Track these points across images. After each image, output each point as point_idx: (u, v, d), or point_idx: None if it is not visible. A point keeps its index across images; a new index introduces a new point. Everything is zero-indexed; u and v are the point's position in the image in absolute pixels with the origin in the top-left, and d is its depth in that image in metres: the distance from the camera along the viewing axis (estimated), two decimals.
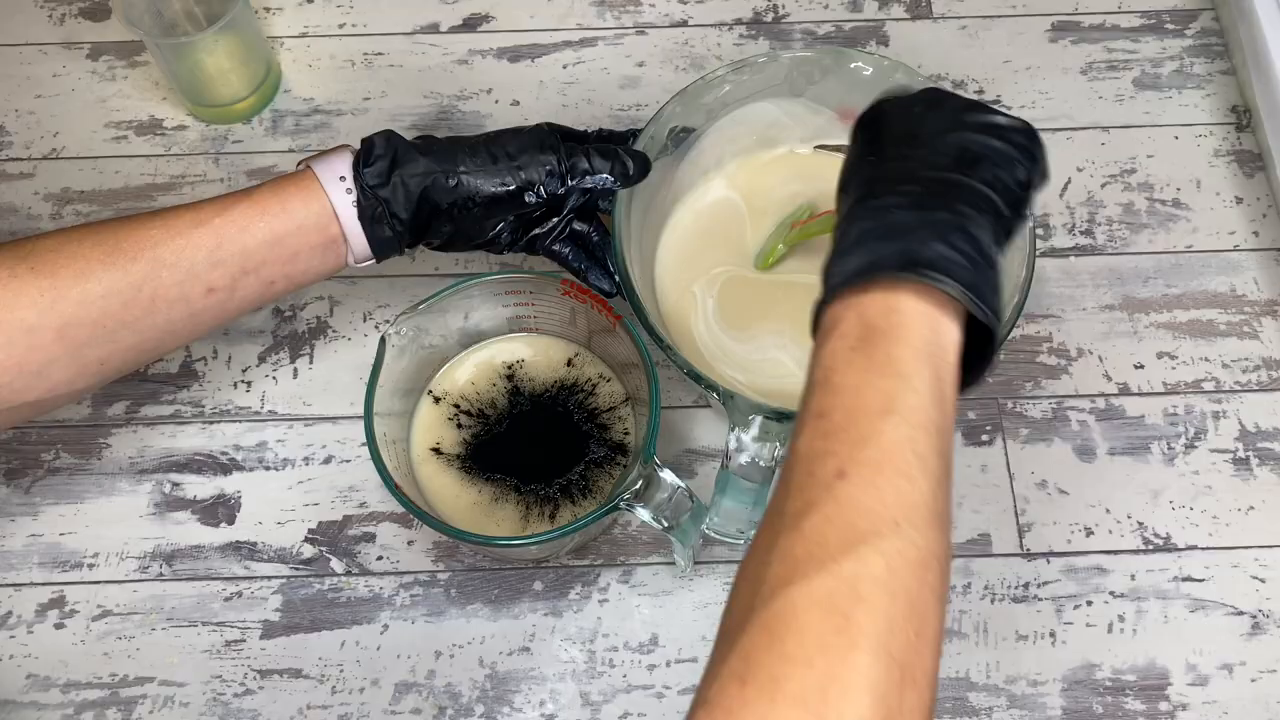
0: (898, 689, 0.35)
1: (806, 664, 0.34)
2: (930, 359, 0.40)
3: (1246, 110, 0.76)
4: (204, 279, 0.53)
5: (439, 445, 0.64)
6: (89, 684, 0.61)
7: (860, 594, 0.35)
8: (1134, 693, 0.60)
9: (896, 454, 0.38)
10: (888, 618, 0.35)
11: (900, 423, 0.39)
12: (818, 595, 0.36)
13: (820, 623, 0.35)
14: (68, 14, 0.81)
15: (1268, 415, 0.67)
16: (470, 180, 0.57)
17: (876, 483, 0.38)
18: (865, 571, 0.36)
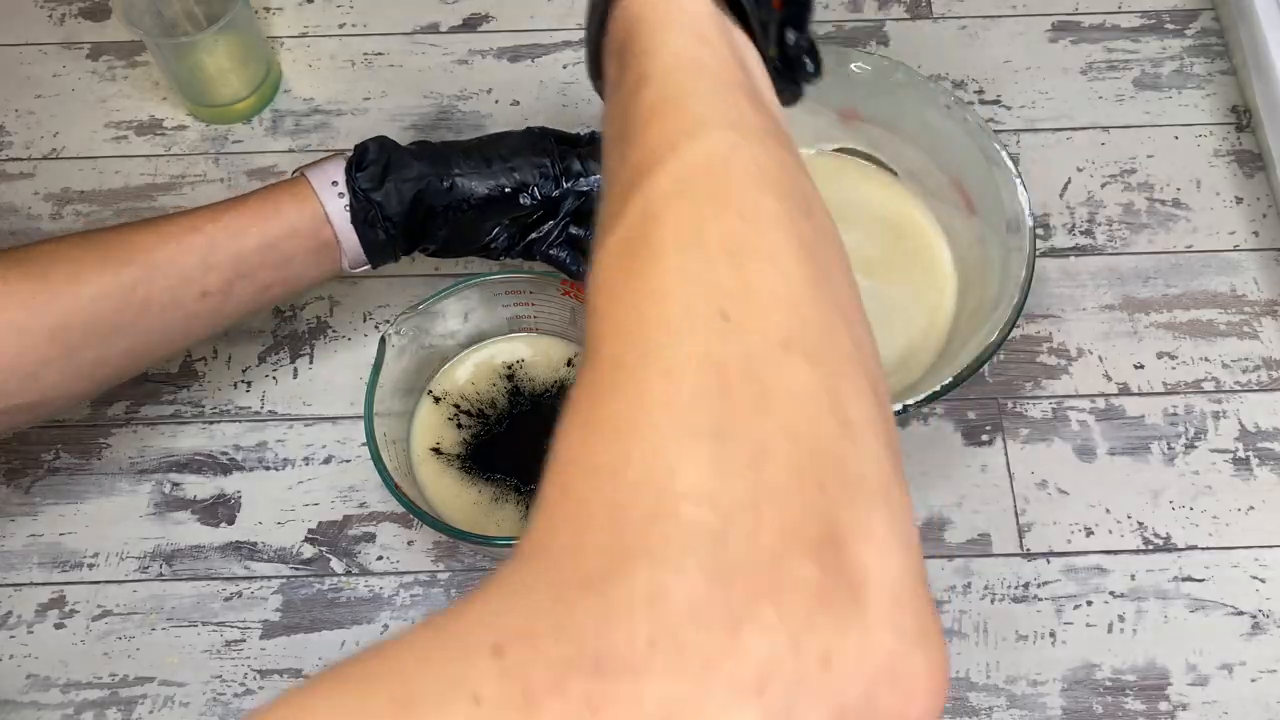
0: (730, 270, 0.28)
1: (616, 301, 0.29)
2: (670, 21, 0.36)
3: (1246, 110, 0.76)
4: (198, 283, 0.53)
5: (439, 445, 0.64)
6: (89, 684, 0.61)
7: (649, 215, 0.30)
8: (1134, 693, 0.60)
9: (663, 101, 0.33)
10: (688, 217, 0.30)
11: (652, 84, 0.34)
12: (610, 247, 0.30)
13: (618, 263, 0.30)
14: (68, 14, 0.81)
15: (1268, 415, 0.67)
16: (464, 182, 0.57)
17: (648, 134, 0.32)
18: (650, 194, 0.30)
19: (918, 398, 0.57)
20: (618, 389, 0.27)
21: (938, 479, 0.66)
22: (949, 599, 0.63)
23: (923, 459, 0.66)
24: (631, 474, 0.25)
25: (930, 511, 0.65)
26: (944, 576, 0.63)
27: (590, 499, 0.25)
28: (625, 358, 0.27)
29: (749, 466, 0.25)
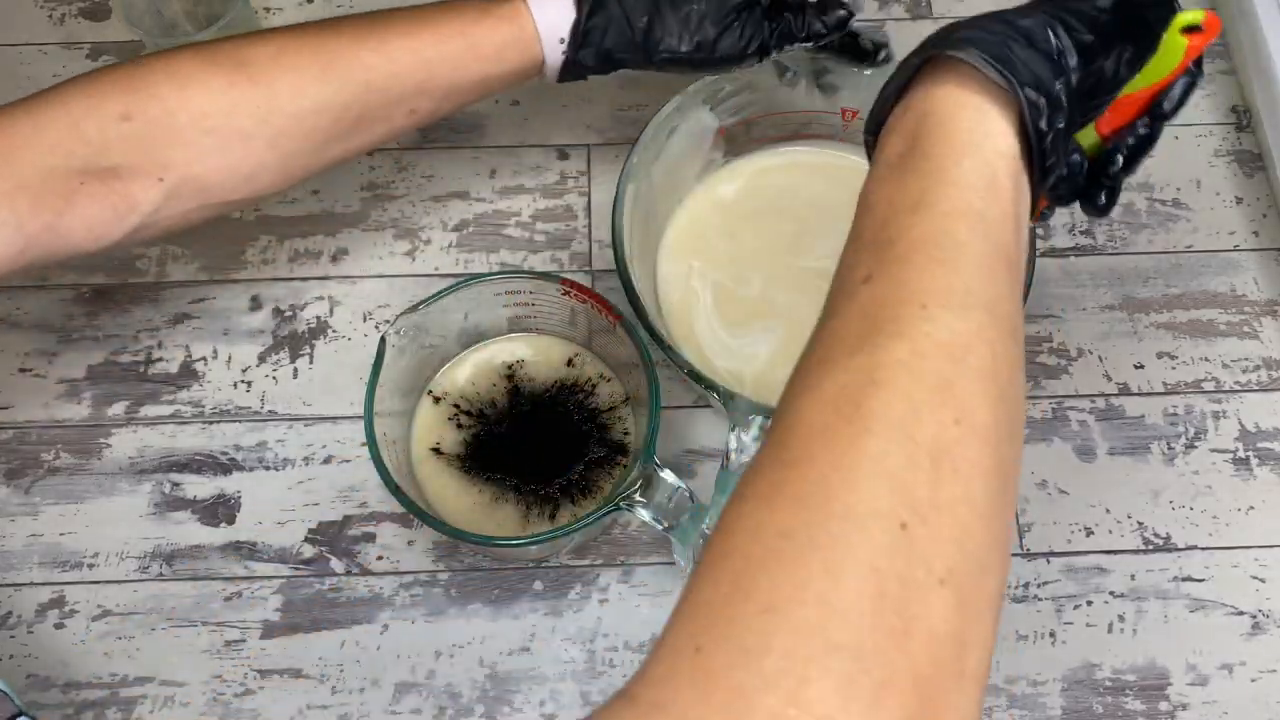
0: (927, 477, 0.29)
1: (806, 463, 0.29)
2: (973, 146, 0.35)
3: (1246, 110, 0.76)
4: (409, 103, 0.56)
5: (439, 445, 0.64)
6: (89, 684, 0.61)
7: (875, 380, 0.30)
8: (1134, 693, 0.60)
9: (927, 242, 0.33)
10: (909, 399, 0.30)
11: (932, 214, 0.34)
12: (827, 393, 0.30)
13: (825, 418, 0.30)
14: (68, 14, 0.81)
15: (1268, 415, 0.67)
16: (669, 36, 0.57)
17: (901, 275, 0.33)
18: (882, 358, 0.30)
19: None
20: (780, 565, 0.27)
21: None
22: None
23: None
24: (768, 665, 0.26)
25: None
26: None
27: (721, 672, 0.26)
28: (797, 532, 0.28)
29: (872, 702, 0.26)
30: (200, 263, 0.72)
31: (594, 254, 0.72)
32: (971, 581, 0.28)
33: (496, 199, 0.74)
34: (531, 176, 0.75)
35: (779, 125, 0.69)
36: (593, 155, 0.75)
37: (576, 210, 0.73)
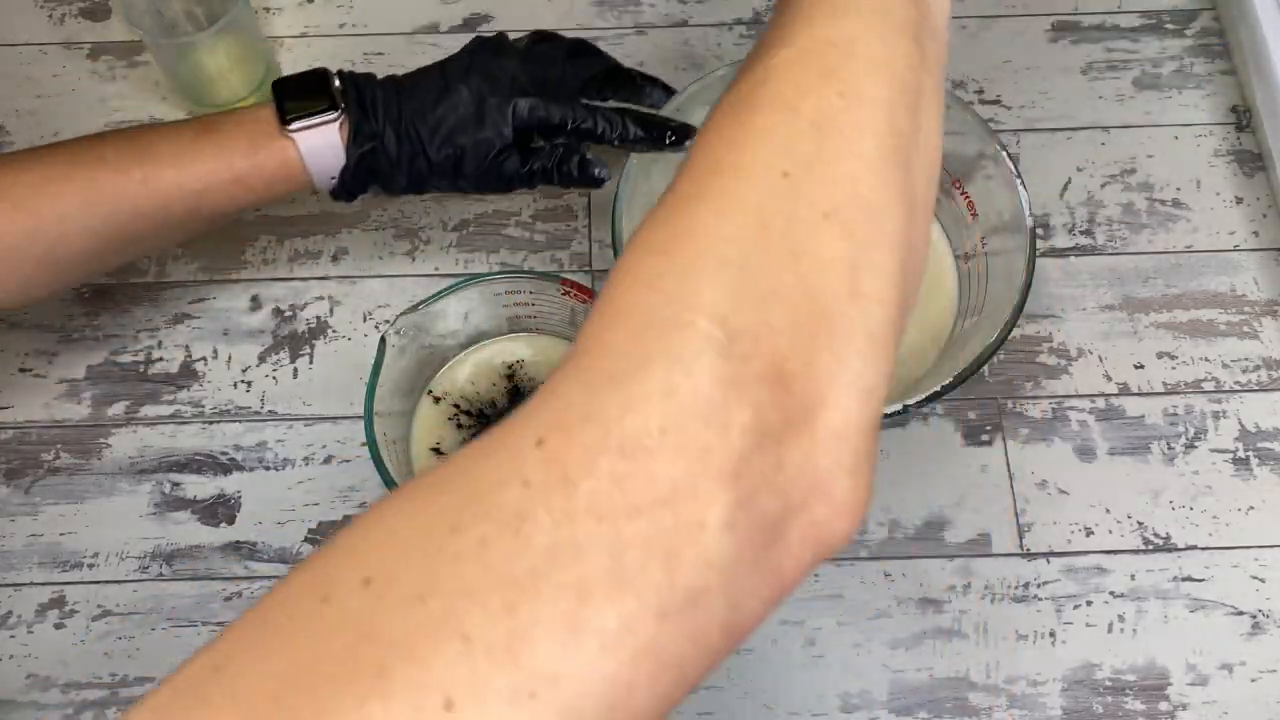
0: (811, 138, 0.31)
1: (705, 147, 0.32)
2: None
3: (1246, 110, 0.76)
4: (180, 227, 0.58)
5: (439, 445, 0.64)
6: (89, 684, 0.61)
7: (764, 79, 0.33)
8: (1134, 693, 0.60)
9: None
10: (793, 84, 0.32)
11: None
12: (724, 105, 0.33)
13: (720, 120, 0.32)
14: (68, 14, 0.81)
15: (1268, 415, 0.67)
16: (439, 169, 0.58)
17: (793, 13, 0.35)
18: (770, 62, 0.33)
19: (918, 398, 0.57)
20: (675, 217, 0.31)
21: (938, 479, 0.66)
22: (949, 599, 0.63)
23: (923, 459, 0.66)
24: (664, 285, 0.29)
25: (930, 511, 0.65)
26: (944, 576, 0.63)
27: (625, 305, 0.30)
28: (692, 193, 0.31)
29: (760, 303, 0.29)
30: (200, 263, 0.72)
31: (594, 254, 0.72)
32: (861, 217, 0.31)
33: (496, 199, 0.74)
34: None
35: None
36: None
37: (576, 210, 0.73)
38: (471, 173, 0.59)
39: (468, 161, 0.59)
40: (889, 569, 0.63)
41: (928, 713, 0.60)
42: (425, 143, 0.58)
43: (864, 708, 0.60)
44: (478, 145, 0.58)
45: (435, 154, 0.58)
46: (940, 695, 0.61)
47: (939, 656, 0.61)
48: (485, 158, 0.58)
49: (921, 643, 0.62)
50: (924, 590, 0.63)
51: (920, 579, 0.63)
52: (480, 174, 0.59)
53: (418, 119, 0.58)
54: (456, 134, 0.58)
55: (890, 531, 0.64)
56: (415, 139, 0.58)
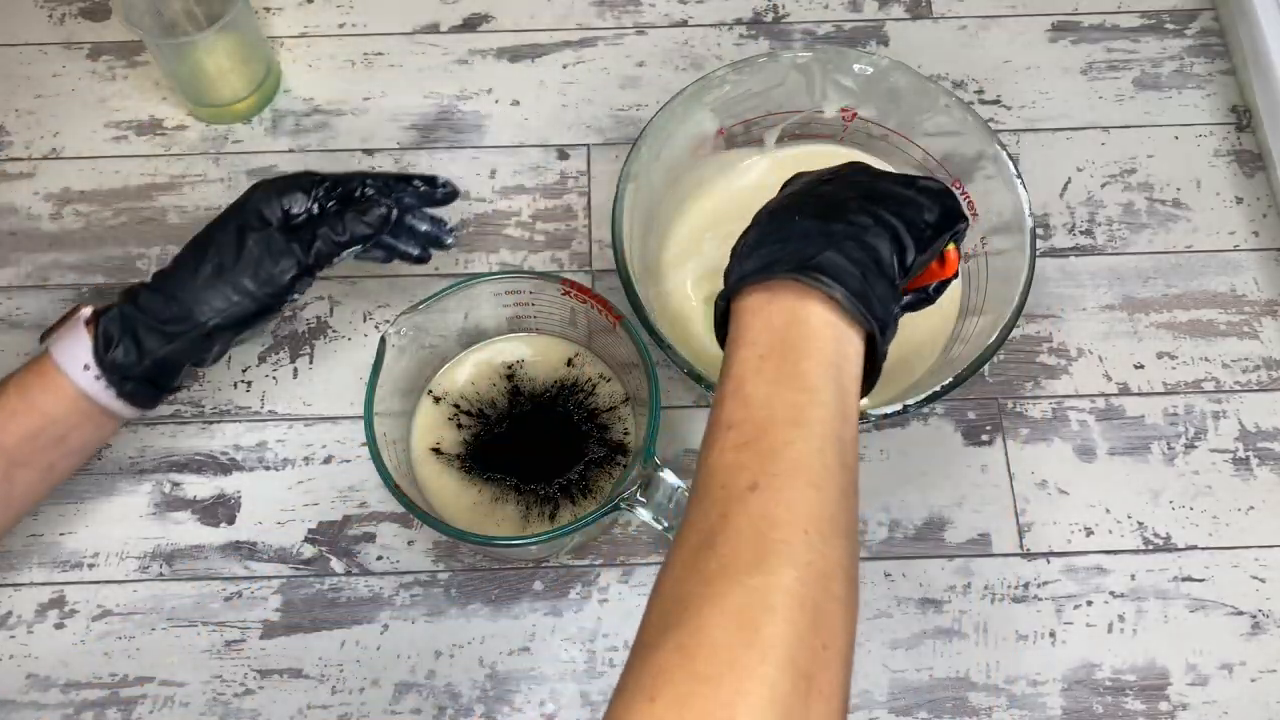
0: (803, 701, 0.35)
1: (715, 681, 0.35)
2: (835, 370, 0.42)
3: (1246, 110, 0.76)
4: (26, 480, 0.55)
5: (439, 445, 0.64)
6: (89, 684, 0.61)
7: (770, 605, 0.36)
8: (1134, 693, 0.61)
9: (805, 465, 0.39)
10: (795, 630, 0.36)
11: (809, 435, 0.40)
12: (729, 609, 0.36)
13: (730, 638, 0.36)
14: (68, 14, 0.81)
15: (1268, 415, 0.67)
16: (222, 327, 0.56)
17: (786, 494, 0.39)
18: (775, 582, 0.37)
19: (918, 398, 0.57)
20: None
21: (938, 479, 0.66)
22: (949, 599, 0.63)
23: (923, 459, 0.66)
24: None
25: (930, 511, 0.65)
26: (944, 576, 0.63)
27: None
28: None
29: None
30: None
31: (594, 254, 0.72)
32: None
33: (496, 199, 0.74)
34: (531, 176, 0.75)
35: (779, 125, 0.69)
36: (593, 155, 0.75)
37: (576, 210, 0.73)
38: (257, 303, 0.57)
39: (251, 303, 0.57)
40: (889, 569, 0.63)
41: (928, 713, 0.60)
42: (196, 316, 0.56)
43: (864, 708, 0.60)
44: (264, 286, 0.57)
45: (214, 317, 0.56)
46: (940, 695, 0.61)
47: (939, 656, 0.61)
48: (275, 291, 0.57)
49: (921, 643, 0.62)
50: (924, 590, 0.63)
51: (920, 579, 0.63)
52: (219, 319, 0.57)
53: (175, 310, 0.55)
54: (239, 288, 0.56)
55: (890, 531, 0.64)
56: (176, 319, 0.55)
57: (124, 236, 0.73)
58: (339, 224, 0.57)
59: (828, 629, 0.37)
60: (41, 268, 0.72)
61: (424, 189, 0.61)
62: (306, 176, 0.59)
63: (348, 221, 0.58)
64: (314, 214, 0.58)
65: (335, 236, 0.57)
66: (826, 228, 0.45)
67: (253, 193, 0.58)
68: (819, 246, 0.44)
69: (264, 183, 0.58)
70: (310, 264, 0.57)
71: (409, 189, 0.60)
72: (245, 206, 0.57)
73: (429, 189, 0.61)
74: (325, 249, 0.57)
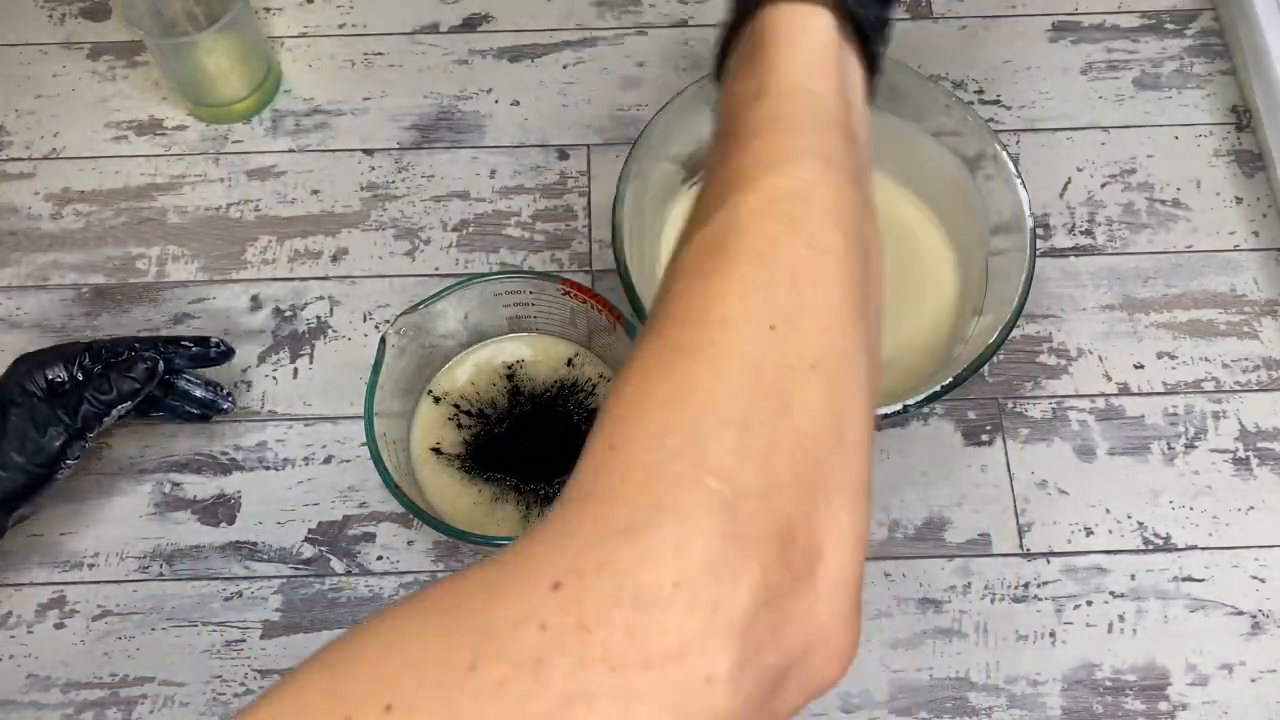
0: (788, 289, 0.33)
1: (685, 294, 0.34)
2: (796, 43, 0.40)
3: (1246, 110, 0.76)
4: None
5: (439, 445, 0.64)
6: (89, 684, 0.61)
7: (736, 224, 0.35)
8: (1134, 693, 0.61)
9: (768, 119, 0.38)
10: (766, 234, 0.34)
11: (768, 97, 0.39)
12: (696, 243, 0.35)
13: (699, 259, 0.34)
14: (68, 14, 0.81)
15: (1268, 415, 0.67)
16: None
17: (749, 147, 0.37)
18: (739, 209, 0.35)
19: (918, 398, 0.57)
20: (673, 369, 0.32)
21: (938, 479, 0.66)
22: (949, 599, 0.63)
23: (923, 459, 0.66)
24: (671, 442, 0.30)
25: (930, 511, 0.65)
26: (944, 576, 0.63)
27: (634, 457, 0.31)
28: (684, 344, 0.32)
29: (762, 458, 0.30)
30: (200, 263, 0.72)
31: (594, 254, 0.72)
32: (840, 367, 0.33)
33: (496, 199, 0.74)
34: (531, 176, 0.75)
35: None
36: (593, 155, 0.75)
37: (576, 210, 0.73)
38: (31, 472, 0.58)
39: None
40: (889, 569, 0.63)
41: (928, 713, 0.60)
42: None
43: (864, 708, 0.60)
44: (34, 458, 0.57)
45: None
46: (940, 695, 0.61)
47: (939, 656, 0.61)
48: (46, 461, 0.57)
49: (921, 643, 0.62)
50: (924, 590, 0.63)
51: (920, 579, 0.63)
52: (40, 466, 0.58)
53: None
54: None
55: (890, 531, 0.64)
56: None
57: (124, 236, 0.73)
58: (104, 383, 0.58)
59: (808, 231, 0.35)
60: (41, 268, 0.72)
61: (195, 350, 0.62)
62: (70, 346, 0.59)
63: (113, 379, 0.58)
64: (79, 379, 0.58)
65: (101, 395, 0.58)
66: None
67: (15, 367, 0.58)
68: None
69: (26, 356, 0.59)
70: (79, 428, 0.57)
71: (178, 349, 0.61)
72: (7, 383, 0.58)
73: (200, 349, 0.62)
74: (92, 409, 0.58)
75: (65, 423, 0.57)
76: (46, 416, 0.57)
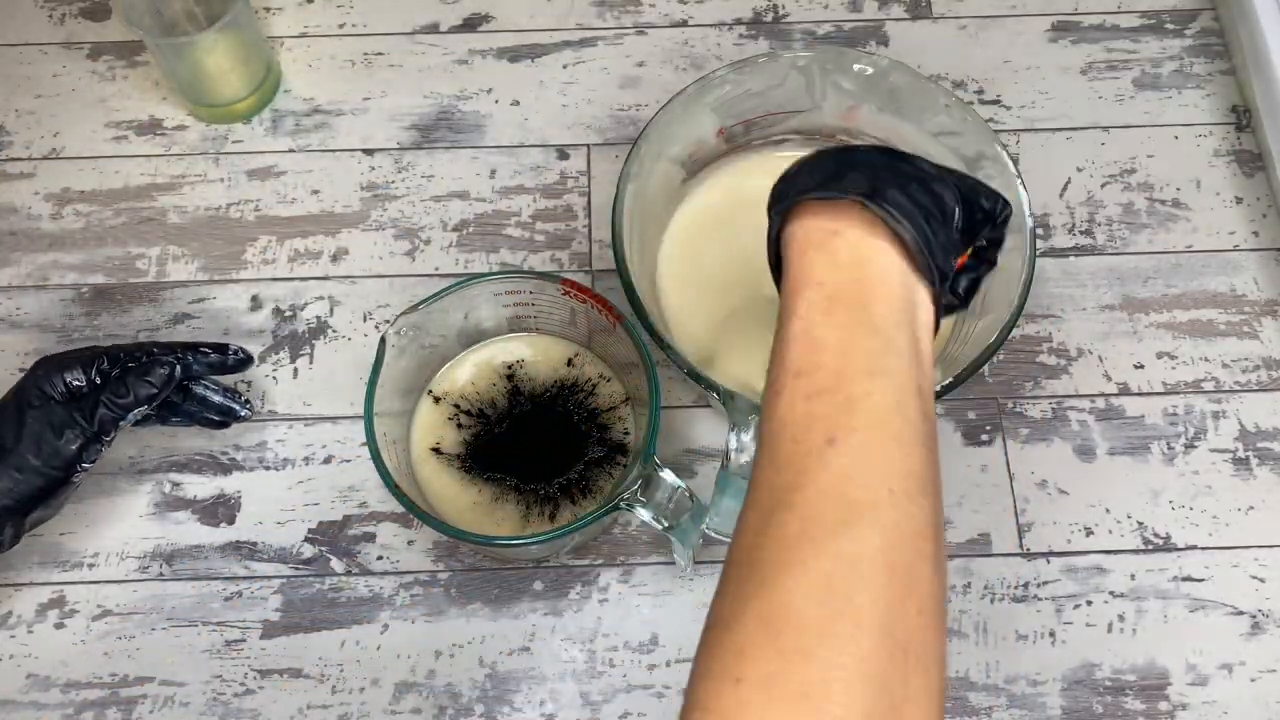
0: (901, 673, 0.33)
1: (805, 656, 0.32)
2: (907, 317, 0.39)
3: (1246, 110, 0.76)
4: None
5: (439, 445, 0.64)
6: (89, 684, 0.61)
7: (859, 574, 0.33)
8: (1134, 693, 0.61)
9: (886, 418, 0.36)
10: (888, 597, 0.33)
11: (888, 385, 0.37)
12: (815, 579, 0.33)
13: (818, 609, 0.33)
14: (68, 14, 0.81)
15: (1268, 415, 0.67)
16: (10, 509, 0.55)
17: (868, 450, 0.36)
18: (863, 549, 0.34)
19: None
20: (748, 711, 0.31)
21: None
22: (949, 599, 0.63)
23: None
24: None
25: None
26: None
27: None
28: (759, 689, 0.32)
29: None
30: (200, 263, 0.72)
31: (594, 254, 0.72)
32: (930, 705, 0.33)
33: (496, 199, 0.74)
34: (531, 176, 0.75)
35: (779, 125, 0.69)
36: (593, 155, 0.75)
37: (576, 210, 0.73)
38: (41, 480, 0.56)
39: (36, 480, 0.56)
40: None
41: None
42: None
43: None
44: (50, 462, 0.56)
45: None
46: None
47: None
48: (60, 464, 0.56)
49: None
50: None
51: None
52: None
53: None
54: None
55: None
56: None
57: (124, 236, 0.73)
58: (121, 387, 0.57)
59: (920, 594, 0.34)
60: (41, 268, 0.72)
61: (213, 357, 0.61)
62: (89, 350, 0.59)
63: (130, 383, 0.58)
64: (96, 383, 0.58)
65: (118, 399, 0.57)
66: (892, 164, 0.41)
67: (34, 370, 0.58)
68: (885, 180, 0.39)
69: (45, 359, 0.58)
70: (95, 431, 0.57)
71: (196, 356, 0.60)
72: (25, 385, 0.57)
73: (219, 356, 0.61)
74: (109, 414, 0.57)
75: (82, 426, 0.56)
76: (64, 420, 0.56)
